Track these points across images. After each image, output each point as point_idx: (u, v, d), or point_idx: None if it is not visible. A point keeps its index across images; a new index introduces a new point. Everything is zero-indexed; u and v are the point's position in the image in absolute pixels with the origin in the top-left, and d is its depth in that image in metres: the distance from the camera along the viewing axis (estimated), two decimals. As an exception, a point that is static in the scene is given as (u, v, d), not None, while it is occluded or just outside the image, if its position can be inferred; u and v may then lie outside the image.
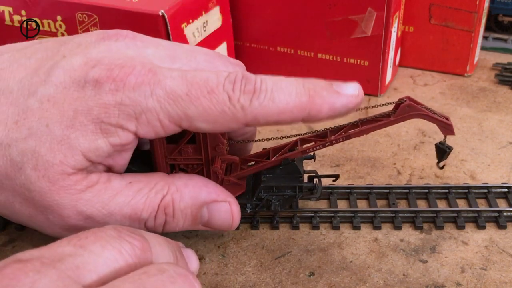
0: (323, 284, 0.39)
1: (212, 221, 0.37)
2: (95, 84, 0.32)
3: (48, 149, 0.32)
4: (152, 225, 0.36)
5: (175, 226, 0.37)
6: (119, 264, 0.25)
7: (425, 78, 0.66)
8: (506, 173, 0.49)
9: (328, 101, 0.34)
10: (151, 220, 0.36)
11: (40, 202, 0.33)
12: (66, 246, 0.25)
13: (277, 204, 0.41)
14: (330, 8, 0.59)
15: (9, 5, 0.51)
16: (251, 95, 0.32)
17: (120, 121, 0.32)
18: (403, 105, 0.37)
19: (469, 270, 0.40)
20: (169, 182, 0.36)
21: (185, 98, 0.32)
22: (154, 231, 0.35)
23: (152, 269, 0.25)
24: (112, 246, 0.25)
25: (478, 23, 0.62)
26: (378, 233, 0.43)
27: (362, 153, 0.53)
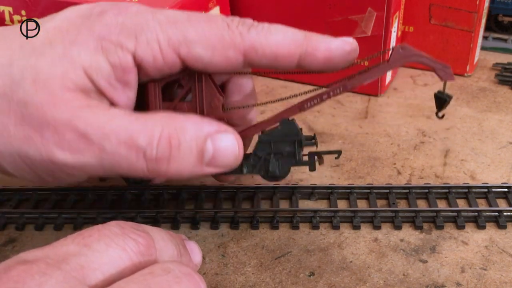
0: (323, 284, 0.39)
1: (217, 156, 0.34)
2: (100, 13, 0.33)
3: (49, 64, 0.32)
4: (153, 156, 0.33)
5: (180, 165, 0.34)
6: (123, 262, 0.25)
7: (425, 78, 0.66)
8: (506, 173, 0.49)
9: (324, 41, 0.35)
10: (151, 150, 0.32)
11: (36, 117, 0.31)
12: (70, 245, 0.25)
13: (275, 164, 0.39)
14: (330, 8, 0.59)
15: (9, 5, 0.51)
16: (249, 26, 0.34)
17: (120, 38, 0.32)
18: (397, 46, 0.36)
19: (469, 270, 0.40)
20: (171, 115, 0.34)
21: (185, 22, 0.33)
22: (155, 170, 0.33)
23: (157, 269, 0.25)
24: (116, 244, 0.25)
25: (478, 23, 0.62)
26: (378, 233, 0.43)
27: (362, 153, 0.53)
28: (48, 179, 0.34)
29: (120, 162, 0.32)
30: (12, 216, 0.45)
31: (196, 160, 0.34)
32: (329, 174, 0.50)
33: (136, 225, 0.28)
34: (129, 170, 0.33)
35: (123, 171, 0.33)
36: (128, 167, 0.33)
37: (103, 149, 0.32)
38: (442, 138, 0.55)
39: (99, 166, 0.32)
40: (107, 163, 0.32)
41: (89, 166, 0.32)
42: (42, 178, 0.34)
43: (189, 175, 0.34)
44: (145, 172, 0.33)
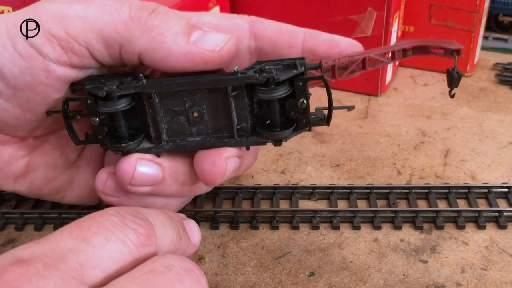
0: (323, 284, 0.39)
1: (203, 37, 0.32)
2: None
3: None
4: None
5: (164, 32, 0.31)
6: (124, 257, 0.24)
7: (425, 78, 0.66)
8: (507, 173, 0.49)
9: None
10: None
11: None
12: (68, 240, 0.23)
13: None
14: (330, 8, 0.59)
15: (8, 4, 0.51)
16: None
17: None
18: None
19: (469, 270, 0.40)
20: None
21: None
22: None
23: (158, 266, 0.24)
24: (116, 237, 0.24)
25: (478, 23, 0.62)
26: (378, 233, 0.43)
27: (362, 153, 0.53)
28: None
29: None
30: (11, 216, 0.45)
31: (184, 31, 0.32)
32: (329, 174, 0.50)
33: (135, 211, 0.27)
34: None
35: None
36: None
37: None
38: (442, 138, 0.55)
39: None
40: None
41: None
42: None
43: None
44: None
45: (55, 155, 0.38)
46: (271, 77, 0.31)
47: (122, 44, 0.31)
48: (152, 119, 0.33)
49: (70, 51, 0.31)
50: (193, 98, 0.33)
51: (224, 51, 0.32)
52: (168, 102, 0.33)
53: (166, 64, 0.31)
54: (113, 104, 0.32)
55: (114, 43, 0.31)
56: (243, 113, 0.33)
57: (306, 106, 0.32)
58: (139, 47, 0.31)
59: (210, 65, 0.31)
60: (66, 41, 0.31)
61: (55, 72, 0.31)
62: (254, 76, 0.31)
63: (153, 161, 0.33)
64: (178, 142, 0.34)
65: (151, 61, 0.31)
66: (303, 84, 0.31)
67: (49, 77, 0.32)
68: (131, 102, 0.32)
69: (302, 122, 0.33)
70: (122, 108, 0.32)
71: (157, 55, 0.31)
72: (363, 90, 0.62)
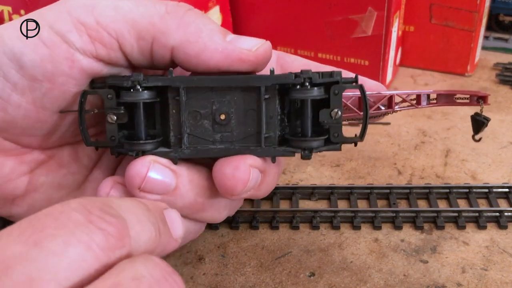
0: (323, 284, 0.39)
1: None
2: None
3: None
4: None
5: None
6: (88, 265, 0.20)
7: (425, 77, 0.66)
8: (507, 173, 0.49)
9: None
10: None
11: None
12: (16, 245, 0.19)
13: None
14: (330, 8, 0.58)
15: (8, 4, 0.51)
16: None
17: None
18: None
19: (470, 270, 0.40)
20: None
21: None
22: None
23: (125, 277, 0.20)
24: (78, 240, 0.20)
25: (478, 22, 0.62)
26: (379, 233, 0.43)
27: (363, 153, 0.53)
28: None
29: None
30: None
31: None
32: (329, 174, 0.50)
33: (105, 205, 0.22)
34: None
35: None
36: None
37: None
38: (443, 138, 0.55)
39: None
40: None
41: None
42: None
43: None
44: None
45: (61, 174, 0.35)
46: (308, 77, 0.30)
47: (156, 37, 0.30)
48: (175, 122, 0.31)
49: (98, 41, 0.30)
50: (221, 100, 0.31)
51: (261, 51, 0.31)
52: (194, 102, 0.31)
53: (200, 60, 0.30)
54: (137, 94, 0.30)
55: (147, 35, 0.30)
56: (273, 121, 0.31)
57: (340, 117, 0.31)
58: (173, 41, 0.30)
59: (245, 64, 0.31)
60: (95, 30, 0.30)
61: (79, 62, 0.30)
62: (290, 76, 0.30)
63: (169, 167, 0.31)
64: (199, 148, 0.32)
65: (185, 56, 0.30)
66: (339, 93, 0.31)
67: (72, 67, 0.30)
68: (156, 98, 0.31)
69: (335, 135, 0.31)
70: (146, 100, 0.30)
71: (191, 50, 0.30)
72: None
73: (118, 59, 0.31)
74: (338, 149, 0.32)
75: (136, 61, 0.31)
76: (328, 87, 0.31)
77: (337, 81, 0.31)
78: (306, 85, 0.30)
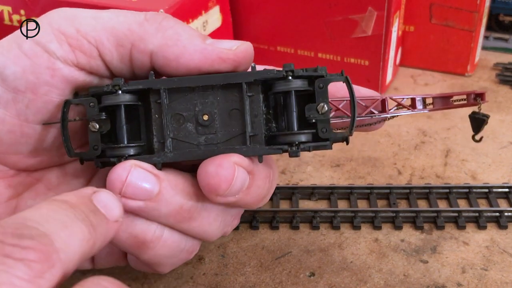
0: (323, 284, 0.39)
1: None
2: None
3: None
4: None
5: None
6: None
7: (425, 77, 0.66)
8: (507, 173, 0.49)
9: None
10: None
11: None
12: None
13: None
14: (331, 8, 0.58)
15: (8, 4, 0.51)
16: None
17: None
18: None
19: (470, 270, 0.40)
20: None
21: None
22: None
23: None
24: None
25: (479, 22, 0.62)
26: (379, 233, 0.43)
27: (363, 153, 0.53)
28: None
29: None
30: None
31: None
32: (330, 174, 0.50)
33: (20, 226, 0.20)
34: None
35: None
36: None
37: None
38: (443, 138, 0.55)
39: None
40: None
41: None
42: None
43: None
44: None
45: (49, 197, 0.33)
46: (290, 70, 0.30)
47: (135, 43, 0.30)
48: (157, 126, 0.31)
49: (79, 49, 0.30)
50: (204, 101, 0.31)
51: (241, 50, 0.31)
52: (176, 105, 0.31)
53: (180, 63, 0.30)
54: (117, 97, 0.30)
55: (126, 41, 0.30)
56: (258, 120, 0.31)
57: (327, 112, 0.30)
58: (152, 46, 0.30)
59: (226, 63, 0.30)
60: (75, 38, 0.30)
61: (60, 71, 0.30)
62: (272, 71, 0.30)
63: (151, 171, 0.30)
64: (183, 151, 0.31)
65: (164, 60, 0.30)
66: (324, 86, 0.30)
67: (54, 76, 0.30)
68: (137, 101, 0.31)
69: (323, 130, 0.30)
70: (126, 102, 0.30)
71: (171, 53, 0.30)
72: (364, 90, 0.62)
73: (99, 67, 0.31)
74: (329, 148, 0.31)
75: (117, 69, 0.31)
76: (312, 81, 0.30)
77: (322, 75, 0.30)
78: (289, 78, 0.30)
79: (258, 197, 0.32)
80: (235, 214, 0.35)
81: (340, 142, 0.31)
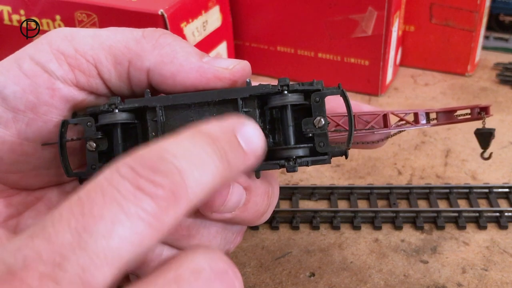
0: (323, 284, 0.39)
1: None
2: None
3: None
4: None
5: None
6: (140, 237, 0.19)
7: (426, 77, 0.66)
8: (508, 173, 0.49)
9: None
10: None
11: None
12: (66, 233, 0.19)
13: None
14: (331, 8, 0.58)
15: (8, 4, 0.51)
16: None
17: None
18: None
19: (470, 270, 0.39)
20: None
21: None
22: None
23: (185, 271, 0.20)
24: (126, 214, 0.19)
25: (479, 22, 0.62)
26: (379, 234, 0.43)
27: (363, 153, 0.53)
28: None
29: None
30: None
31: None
32: (330, 174, 0.50)
33: (158, 159, 0.21)
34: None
35: None
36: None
37: None
38: (443, 138, 0.55)
39: None
40: None
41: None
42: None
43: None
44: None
45: None
46: (285, 84, 0.30)
47: (132, 60, 0.30)
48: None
49: (78, 69, 0.30)
50: (200, 118, 0.30)
51: (237, 69, 0.31)
52: (173, 122, 0.31)
53: (176, 81, 0.30)
54: (114, 116, 0.30)
55: (123, 59, 0.30)
56: None
57: (324, 125, 0.30)
58: (148, 63, 0.30)
59: (222, 82, 0.30)
60: (74, 57, 0.30)
61: (60, 91, 0.30)
62: (267, 86, 0.30)
63: None
64: None
65: (160, 77, 0.30)
66: (320, 100, 0.30)
67: (54, 96, 0.30)
68: (134, 119, 0.30)
69: (320, 144, 0.30)
70: (122, 121, 0.30)
71: (167, 70, 0.30)
72: (364, 90, 0.62)
73: (98, 86, 0.31)
74: (328, 162, 0.31)
75: (116, 87, 0.32)
76: (309, 95, 0.30)
77: (319, 89, 0.30)
78: (284, 92, 0.30)
79: (256, 214, 0.32)
80: (236, 231, 0.34)
81: (339, 156, 0.31)
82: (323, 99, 0.30)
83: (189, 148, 0.22)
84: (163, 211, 0.20)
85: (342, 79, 0.60)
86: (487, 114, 0.34)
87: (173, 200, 0.20)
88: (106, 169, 0.21)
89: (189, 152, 0.22)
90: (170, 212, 0.20)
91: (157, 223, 0.20)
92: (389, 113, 0.34)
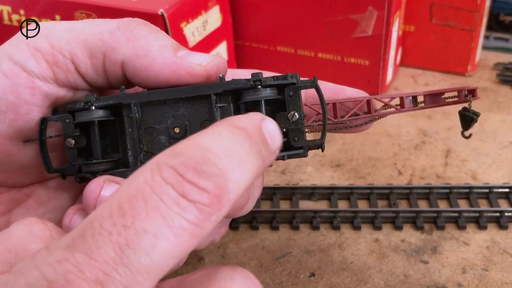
0: (323, 285, 0.39)
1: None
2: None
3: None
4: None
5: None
6: (181, 249, 0.19)
7: (426, 77, 0.66)
8: (508, 173, 0.49)
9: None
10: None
11: None
12: (108, 248, 0.18)
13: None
14: (331, 7, 0.58)
15: (7, 4, 0.51)
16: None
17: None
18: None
19: (470, 270, 0.39)
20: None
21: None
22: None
23: (218, 275, 0.21)
24: (169, 226, 0.19)
25: (479, 22, 0.62)
26: (379, 234, 0.43)
27: (363, 153, 0.53)
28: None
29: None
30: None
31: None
32: (330, 174, 0.50)
33: (203, 160, 0.20)
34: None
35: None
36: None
37: None
38: (443, 138, 0.55)
39: None
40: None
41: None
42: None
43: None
44: None
45: (40, 213, 0.34)
46: (257, 79, 0.29)
47: (106, 53, 0.30)
48: (131, 140, 0.31)
49: (55, 65, 0.30)
50: (176, 114, 0.31)
51: (211, 66, 0.30)
52: (149, 118, 0.31)
53: (149, 74, 0.30)
54: (90, 114, 0.30)
55: (98, 52, 0.30)
56: None
57: (298, 119, 0.30)
58: (122, 55, 0.30)
59: (195, 78, 0.30)
60: (51, 54, 0.30)
61: (40, 89, 0.30)
62: (240, 81, 0.30)
63: None
64: None
65: (134, 71, 0.30)
66: (294, 94, 0.30)
67: (34, 94, 0.30)
68: (110, 116, 0.31)
69: (295, 139, 0.30)
70: (98, 118, 0.30)
71: (140, 64, 0.30)
72: (364, 89, 0.62)
73: (76, 81, 0.31)
74: (304, 155, 0.30)
75: (93, 81, 0.31)
76: (282, 89, 0.30)
77: (293, 83, 0.30)
78: (258, 87, 0.29)
79: (236, 207, 0.32)
80: (221, 223, 0.34)
81: (315, 149, 0.31)
82: (296, 93, 0.30)
83: (229, 146, 0.21)
84: (206, 218, 0.20)
85: (342, 79, 0.60)
86: (474, 97, 0.34)
87: (216, 205, 0.20)
88: (146, 168, 0.20)
89: (230, 150, 0.21)
90: (213, 217, 0.20)
91: (199, 231, 0.20)
92: (372, 99, 0.33)
